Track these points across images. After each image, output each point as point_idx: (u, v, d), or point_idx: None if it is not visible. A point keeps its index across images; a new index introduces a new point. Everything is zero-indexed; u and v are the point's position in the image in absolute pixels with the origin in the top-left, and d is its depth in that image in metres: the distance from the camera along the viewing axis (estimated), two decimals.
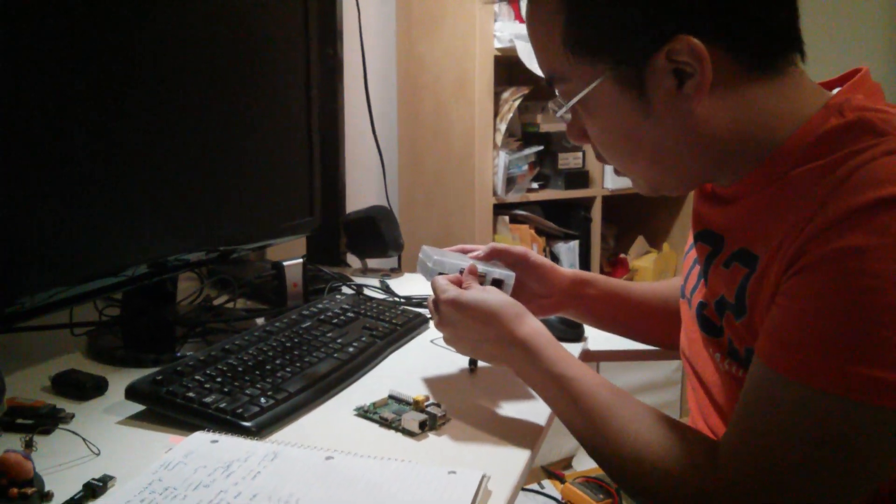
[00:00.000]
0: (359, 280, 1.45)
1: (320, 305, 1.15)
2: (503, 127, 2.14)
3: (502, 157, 2.14)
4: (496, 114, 2.14)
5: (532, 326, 0.83)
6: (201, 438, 0.75)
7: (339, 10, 1.59)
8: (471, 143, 2.12)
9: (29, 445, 0.75)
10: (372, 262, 1.59)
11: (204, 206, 1.09)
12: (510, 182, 2.19)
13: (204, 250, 1.12)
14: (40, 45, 0.82)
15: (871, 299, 0.59)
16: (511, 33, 2.11)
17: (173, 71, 1.01)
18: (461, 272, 0.93)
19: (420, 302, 1.29)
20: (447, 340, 0.90)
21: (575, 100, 0.74)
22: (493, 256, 1.02)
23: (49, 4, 0.83)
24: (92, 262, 0.92)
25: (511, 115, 2.14)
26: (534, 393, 0.85)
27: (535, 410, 0.87)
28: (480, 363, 1.00)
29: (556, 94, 0.78)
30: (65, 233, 0.87)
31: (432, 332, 1.15)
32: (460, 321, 0.86)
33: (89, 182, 0.90)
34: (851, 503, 0.65)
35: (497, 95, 2.14)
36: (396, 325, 1.11)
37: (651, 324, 1.08)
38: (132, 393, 0.84)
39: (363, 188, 2.10)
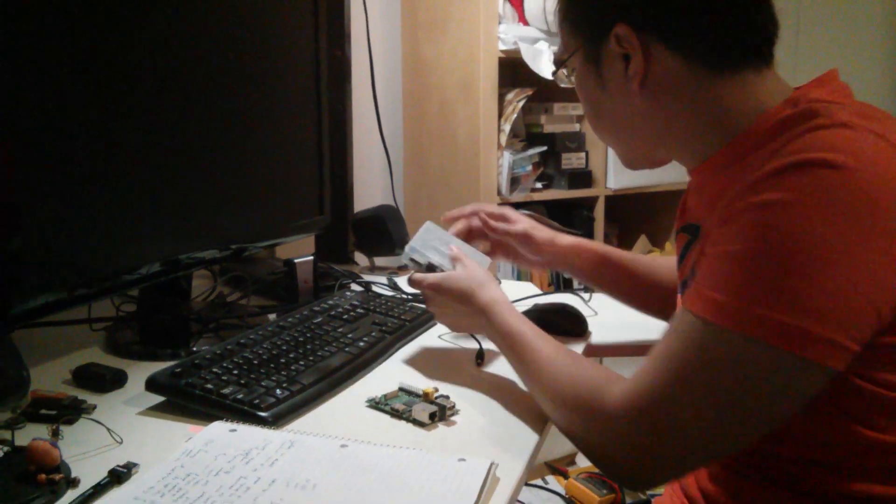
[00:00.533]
0: (367, 277, 1.47)
1: (331, 302, 1.18)
2: (507, 127, 2.16)
3: (506, 158, 2.17)
4: (500, 114, 2.17)
5: (491, 295, 0.95)
6: (220, 427, 0.78)
7: (347, 13, 1.61)
8: (475, 144, 2.15)
9: (55, 434, 0.77)
10: (379, 261, 1.62)
11: (217, 206, 1.11)
12: (514, 182, 2.22)
13: (217, 248, 1.15)
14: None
15: (776, 248, 0.64)
16: (515, 35, 2.13)
17: (187, 73, 1.04)
18: (429, 265, 1.02)
19: None
20: (437, 318, 1.04)
21: (560, 66, 0.89)
22: (497, 244, 1.12)
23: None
24: (108, 259, 0.95)
25: (515, 115, 2.16)
26: None
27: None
28: (486, 357, 1.03)
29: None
30: (83, 232, 0.90)
31: (440, 328, 1.17)
32: (442, 301, 0.99)
33: (105, 183, 0.92)
34: (744, 441, 0.70)
35: (501, 96, 2.17)
36: (405, 321, 1.14)
37: (637, 286, 1.16)
38: (152, 385, 0.87)
39: (370, 188, 2.13)
